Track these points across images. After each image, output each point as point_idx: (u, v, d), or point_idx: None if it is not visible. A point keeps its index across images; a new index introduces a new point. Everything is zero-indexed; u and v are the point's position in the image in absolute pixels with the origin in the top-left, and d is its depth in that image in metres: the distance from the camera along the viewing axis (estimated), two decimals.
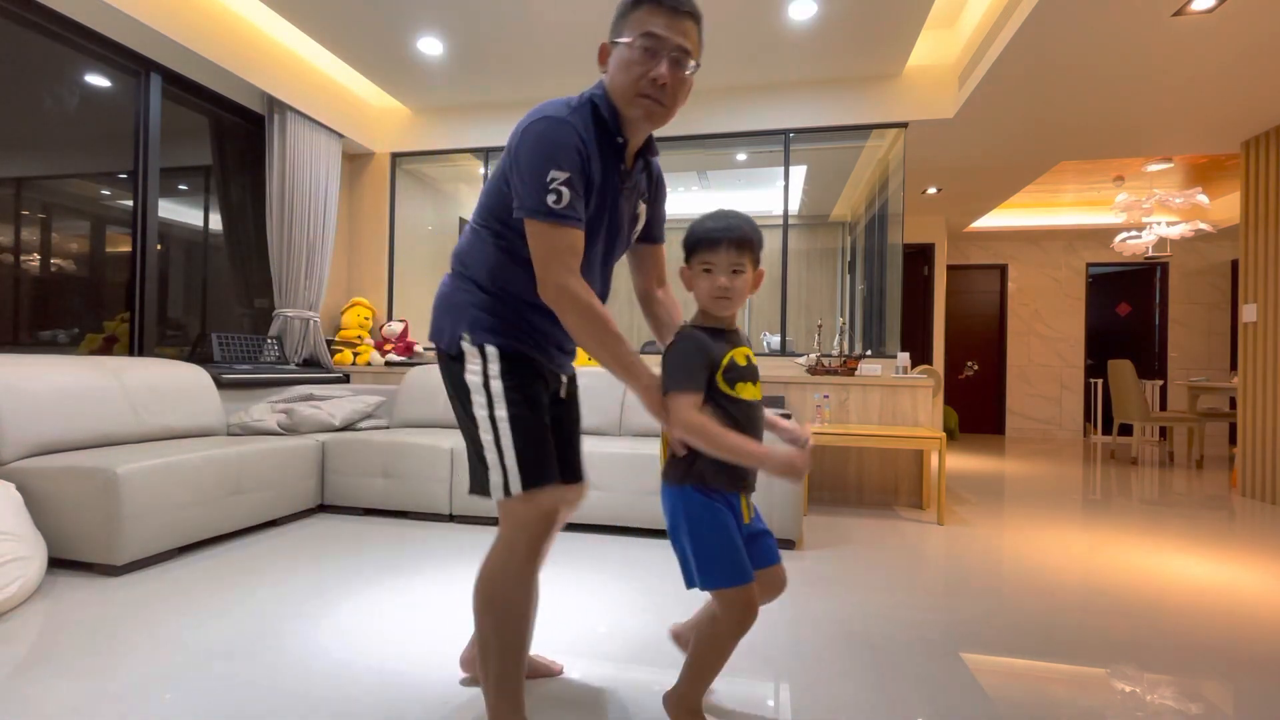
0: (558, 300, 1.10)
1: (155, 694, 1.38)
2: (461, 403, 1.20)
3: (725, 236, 1.14)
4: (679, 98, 1.15)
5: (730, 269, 1.15)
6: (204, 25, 3.20)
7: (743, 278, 1.16)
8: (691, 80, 1.16)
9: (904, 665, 1.60)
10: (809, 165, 5.06)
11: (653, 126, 1.17)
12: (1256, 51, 3.04)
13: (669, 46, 1.10)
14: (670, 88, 1.12)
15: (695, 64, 1.14)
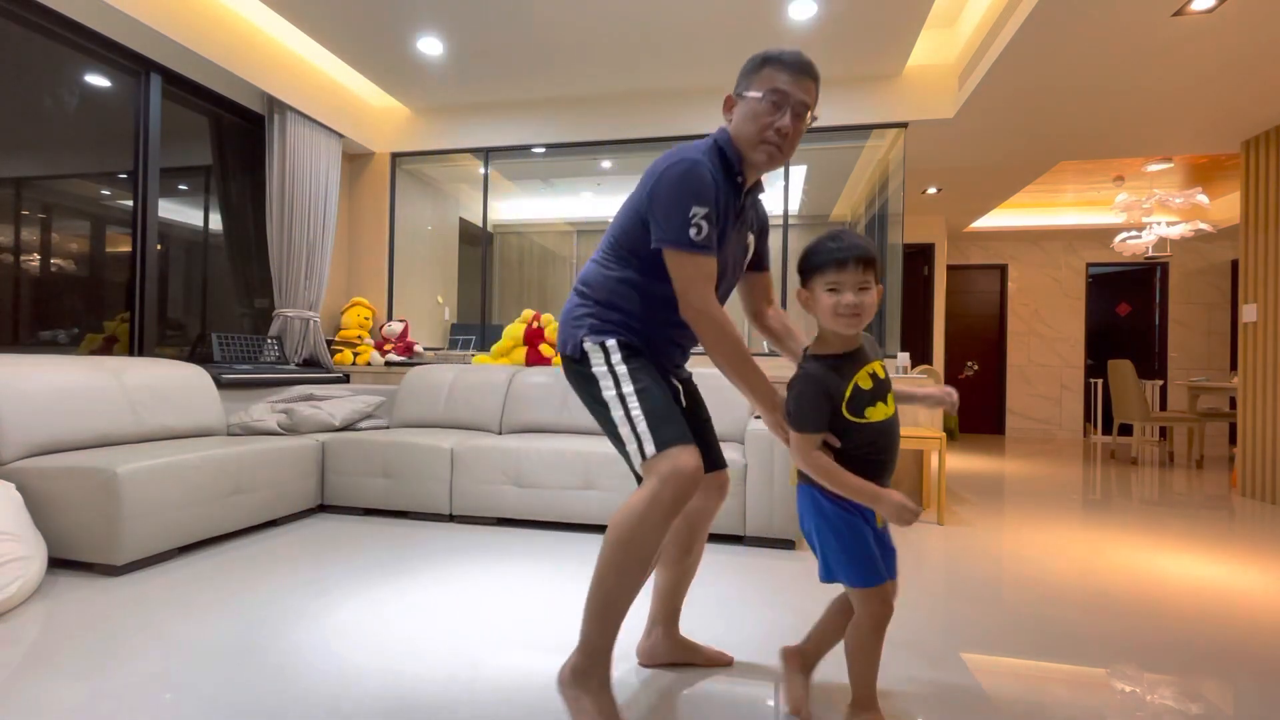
0: (698, 321, 1.24)
1: (155, 694, 1.38)
2: (591, 395, 1.32)
3: (852, 255, 1.16)
4: (795, 145, 1.29)
5: (858, 286, 1.17)
6: (204, 25, 3.20)
7: (869, 294, 1.17)
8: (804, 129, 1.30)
9: (904, 665, 1.60)
10: (809, 165, 5.06)
11: (770, 169, 1.30)
12: (1256, 51, 3.04)
13: (793, 101, 1.24)
14: (791, 137, 1.26)
15: (814, 117, 1.30)
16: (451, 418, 3.50)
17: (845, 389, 1.18)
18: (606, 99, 4.28)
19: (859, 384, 1.19)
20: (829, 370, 1.20)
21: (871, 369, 1.21)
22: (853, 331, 1.19)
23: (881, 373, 1.22)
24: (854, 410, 1.18)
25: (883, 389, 1.21)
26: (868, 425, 1.18)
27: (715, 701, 1.40)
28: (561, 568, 2.31)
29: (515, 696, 1.40)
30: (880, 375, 1.22)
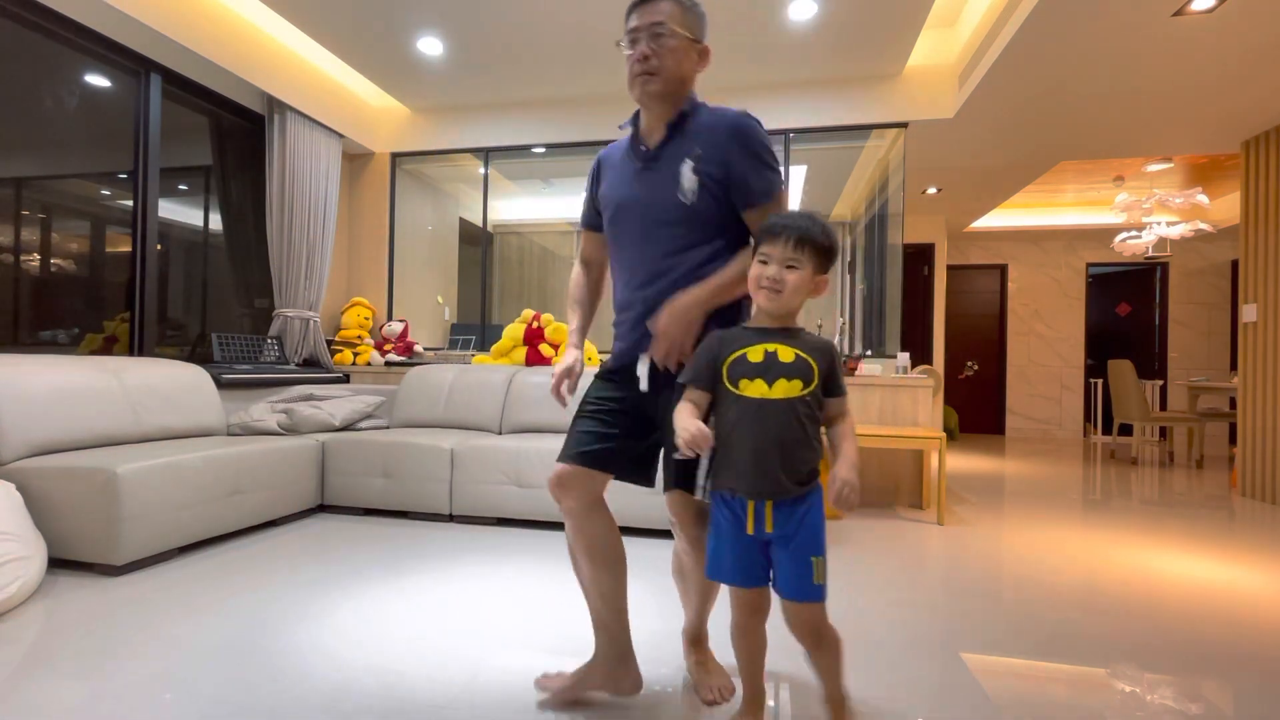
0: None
1: (155, 694, 1.38)
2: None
3: (787, 231, 1.14)
4: (666, 63, 1.27)
5: (785, 263, 1.15)
6: (204, 25, 3.20)
7: (796, 274, 1.14)
8: (682, 45, 1.27)
9: (904, 665, 1.60)
10: (809, 165, 5.06)
11: (649, 100, 1.30)
12: (1256, 51, 3.04)
13: (642, 27, 1.27)
14: (653, 57, 1.26)
15: (679, 31, 1.26)
16: (451, 418, 3.50)
17: (733, 353, 1.17)
18: (606, 99, 4.27)
19: (748, 354, 1.16)
20: (735, 334, 1.20)
21: (774, 348, 1.16)
22: (769, 305, 1.17)
23: (787, 357, 1.15)
24: (731, 377, 1.16)
25: (771, 370, 1.14)
26: (739, 398, 1.15)
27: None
28: (562, 568, 2.31)
29: (515, 696, 1.40)
30: (782, 359, 1.15)
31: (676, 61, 1.27)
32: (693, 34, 1.29)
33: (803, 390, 1.14)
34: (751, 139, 1.27)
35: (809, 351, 1.16)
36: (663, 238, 1.31)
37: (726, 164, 1.27)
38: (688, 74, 1.31)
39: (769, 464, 1.14)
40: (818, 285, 1.18)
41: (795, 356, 1.16)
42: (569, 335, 1.50)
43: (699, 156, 1.28)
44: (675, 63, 1.27)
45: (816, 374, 1.15)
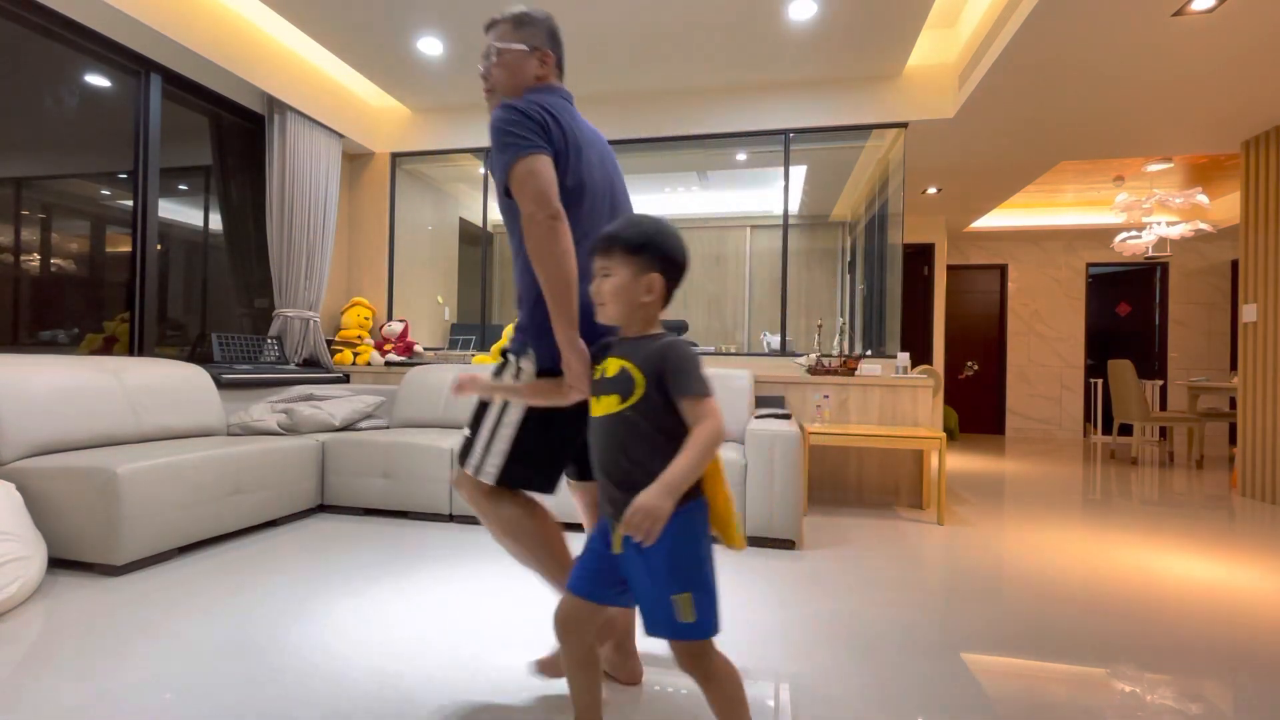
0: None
1: (155, 694, 1.38)
2: None
3: (598, 241, 1.10)
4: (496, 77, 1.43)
5: (600, 272, 1.10)
6: (204, 25, 3.20)
7: (609, 281, 1.08)
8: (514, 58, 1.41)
9: (904, 665, 1.60)
10: (809, 165, 5.06)
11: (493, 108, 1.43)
12: (1256, 51, 3.04)
13: (483, 54, 1.45)
14: (488, 78, 1.44)
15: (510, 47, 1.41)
16: (451, 418, 3.50)
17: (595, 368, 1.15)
18: (607, 99, 4.28)
19: (605, 369, 1.11)
20: (605, 345, 1.16)
21: (605, 364, 1.11)
22: (602, 319, 1.11)
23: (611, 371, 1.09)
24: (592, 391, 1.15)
25: (599, 388, 1.10)
26: (590, 416, 1.13)
27: None
28: None
29: (515, 697, 1.40)
30: (607, 374, 1.09)
31: (509, 75, 1.42)
32: (527, 43, 1.41)
33: (620, 405, 1.05)
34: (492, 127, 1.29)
35: (637, 361, 1.06)
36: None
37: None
38: (521, 81, 1.42)
39: (604, 484, 1.09)
40: (649, 285, 1.07)
41: (619, 370, 1.08)
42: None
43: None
44: (508, 76, 1.42)
45: (639, 386, 1.04)
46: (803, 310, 5.98)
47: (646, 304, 1.08)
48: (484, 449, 1.35)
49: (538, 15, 1.44)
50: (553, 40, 1.45)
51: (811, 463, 3.61)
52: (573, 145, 1.32)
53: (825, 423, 3.45)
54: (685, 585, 1.01)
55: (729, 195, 5.95)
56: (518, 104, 1.26)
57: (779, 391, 3.67)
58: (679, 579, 1.01)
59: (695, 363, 1.03)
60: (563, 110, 1.34)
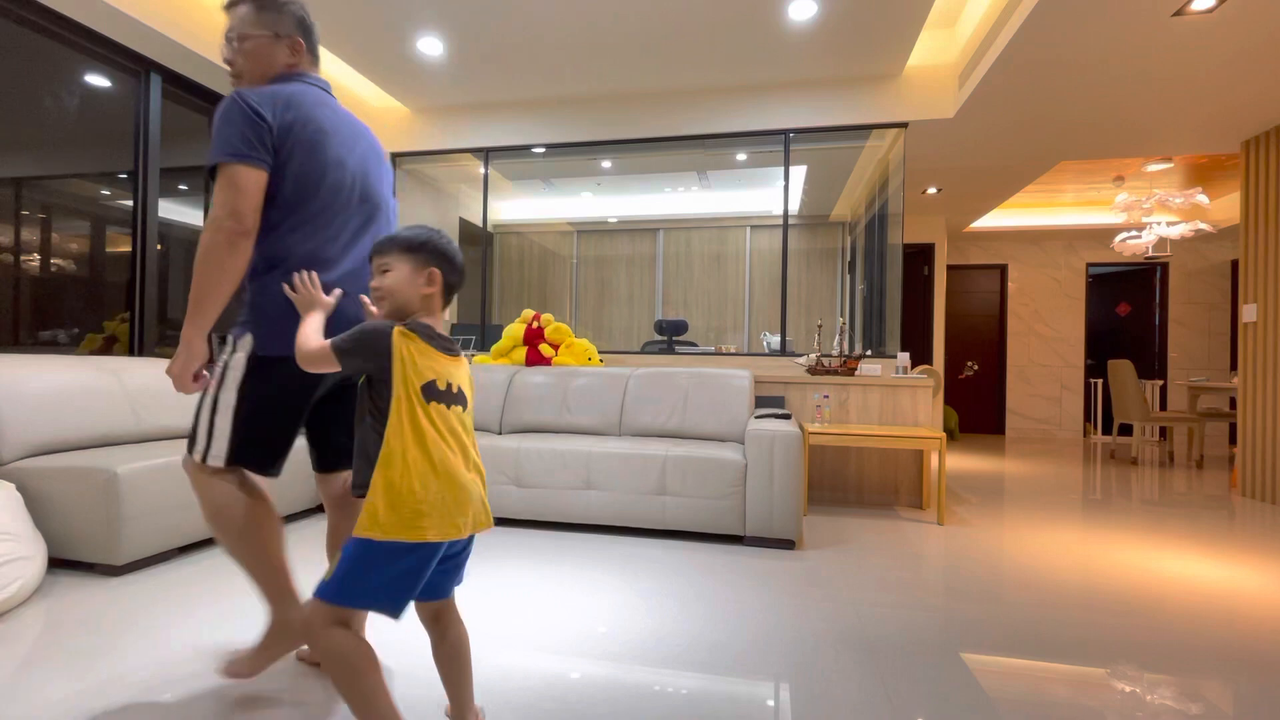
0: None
1: (155, 694, 1.38)
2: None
3: (376, 245, 1.21)
4: (241, 63, 1.40)
5: (380, 269, 1.19)
6: (204, 25, 3.20)
7: (390, 276, 1.18)
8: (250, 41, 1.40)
9: (904, 665, 1.60)
10: (809, 165, 5.06)
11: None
12: (1256, 51, 3.04)
13: (224, 36, 1.42)
14: (234, 64, 1.41)
15: (243, 33, 1.39)
16: None
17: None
18: (606, 99, 4.28)
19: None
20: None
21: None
22: (382, 312, 1.19)
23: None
24: None
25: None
26: None
27: (713, 701, 1.40)
28: (561, 568, 2.31)
29: (515, 697, 1.40)
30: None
31: (254, 62, 1.40)
32: (272, 30, 1.40)
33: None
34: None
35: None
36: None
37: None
38: (268, 69, 1.41)
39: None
40: (430, 278, 1.18)
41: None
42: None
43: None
44: (253, 64, 1.40)
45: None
46: (803, 310, 5.98)
47: (428, 295, 1.18)
48: (207, 434, 1.35)
49: (280, 1, 1.42)
50: (302, 27, 1.44)
51: (811, 463, 3.61)
52: (305, 136, 1.33)
53: (825, 423, 3.45)
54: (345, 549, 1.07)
55: (729, 195, 5.96)
56: (245, 99, 1.28)
57: (779, 391, 3.67)
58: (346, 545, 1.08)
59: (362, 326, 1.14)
60: (303, 99, 1.35)
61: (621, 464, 2.77)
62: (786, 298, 4.25)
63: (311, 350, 1.17)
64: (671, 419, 3.26)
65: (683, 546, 2.62)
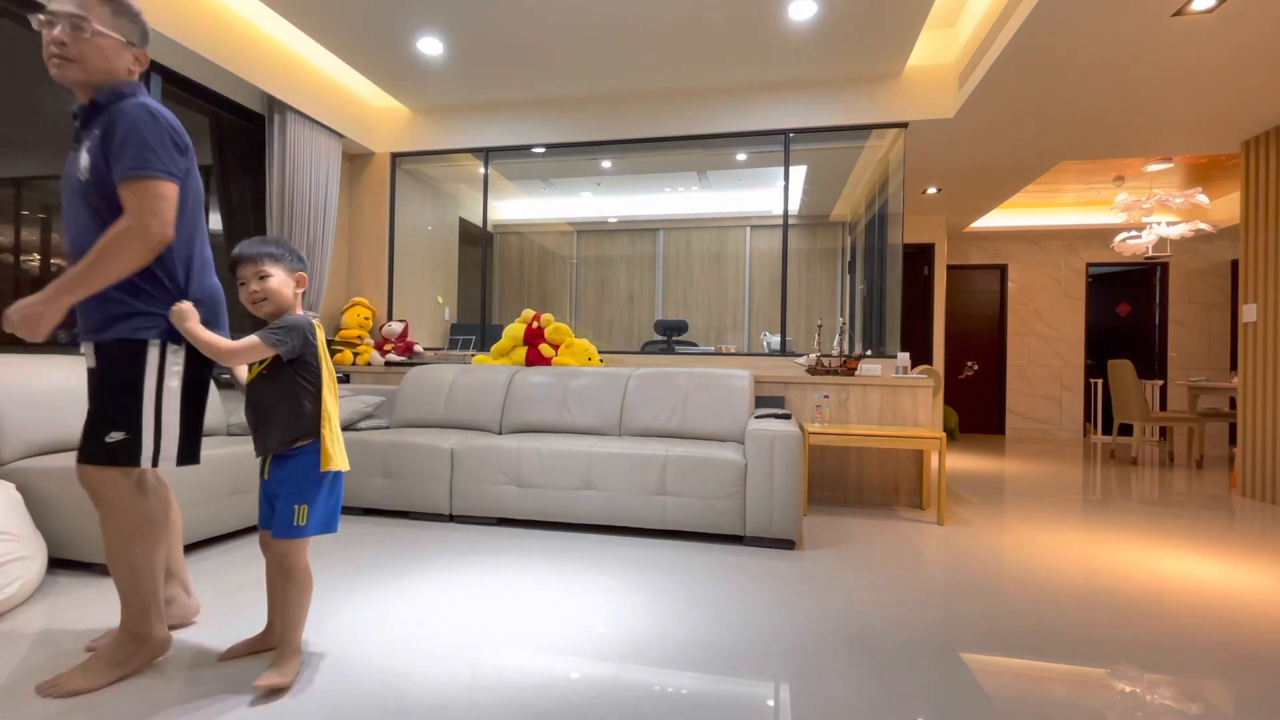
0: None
1: (155, 694, 1.38)
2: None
3: (239, 258, 1.45)
4: (85, 54, 1.40)
5: (256, 277, 1.44)
6: (204, 25, 3.20)
7: (271, 281, 1.45)
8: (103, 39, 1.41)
9: (904, 665, 1.60)
10: (809, 165, 5.06)
11: (66, 80, 1.42)
12: (1256, 51, 3.04)
13: (58, 17, 1.38)
14: (69, 46, 1.38)
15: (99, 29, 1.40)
16: (451, 418, 3.50)
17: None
18: (606, 99, 4.28)
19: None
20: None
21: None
22: (261, 311, 1.45)
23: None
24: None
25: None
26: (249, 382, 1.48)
27: (712, 701, 1.40)
28: (561, 568, 2.31)
29: (515, 696, 1.40)
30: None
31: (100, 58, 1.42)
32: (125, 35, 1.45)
33: (260, 368, 1.46)
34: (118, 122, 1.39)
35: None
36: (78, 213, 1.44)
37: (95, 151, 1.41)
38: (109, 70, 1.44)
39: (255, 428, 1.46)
40: (299, 281, 1.51)
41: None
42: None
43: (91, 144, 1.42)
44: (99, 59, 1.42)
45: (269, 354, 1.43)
46: (803, 310, 5.98)
47: (298, 294, 1.51)
48: (154, 434, 1.43)
49: (134, 9, 1.46)
50: (145, 40, 1.51)
51: (811, 463, 3.61)
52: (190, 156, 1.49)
53: (825, 423, 3.45)
54: (304, 498, 1.44)
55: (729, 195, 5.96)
56: (165, 118, 1.42)
57: (779, 391, 3.67)
58: (300, 494, 1.44)
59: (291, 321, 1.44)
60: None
61: (621, 464, 2.77)
62: (786, 298, 4.25)
63: (237, 347, 1.40)
64: (671, 419, 3.26)
65: (683, 546, 2.62)
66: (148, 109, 1.39)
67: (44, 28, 1.39)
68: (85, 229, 1.42)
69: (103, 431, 1.41)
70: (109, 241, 1.33)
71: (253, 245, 1.45)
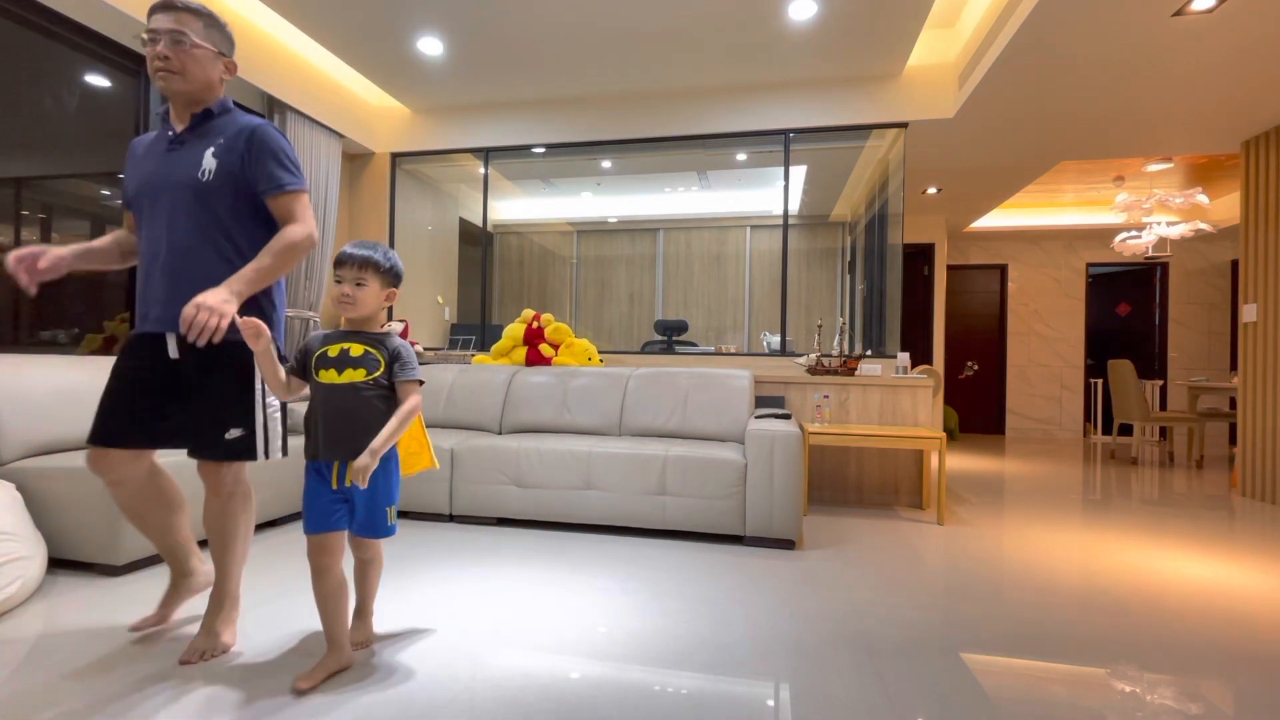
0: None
1: (155, 694, 1.38)
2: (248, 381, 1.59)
3: (349, 259, 1.46)
4: (187, 65, 1.51)
5: (354, 281, 1.46)
6: None
7: (364, 290, 1.47)
8: (199, 50, 1.52)
9: (904, 665, 1.60)
10: (809, 165, 5.06)
11: (173, 91, 1.52)
12: (1256, 51, 3.04)
13: (159, 32, 1.49)
14: (171, 59, 1.49)
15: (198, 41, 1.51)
16: (451, 418, 3.50)
17: (319, 350, 1.47)
18: (606, 99, 4.28)
19: (328, 350, 1.46)
20: (331, 333, 1.49)
21: (348, 347, 1.47)
22: (348, 314, 1.47)
23: (356, 352, 1.46)
24: (316, 365, 1.46)
25: (342, 363, 1.45)
26: (318, 383, 1.45)
27: (712, 701, 1.40)
28: (561, 567, 2.31)
29: (515, 696, 1.40)
30: (353, 354, 1.46)
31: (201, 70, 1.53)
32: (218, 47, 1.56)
33: (366, 377, 1.45)
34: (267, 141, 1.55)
35: (377, 348, 1.48)
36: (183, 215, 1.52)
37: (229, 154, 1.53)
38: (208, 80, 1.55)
39: (336, 435, 1.44)
40: (389, 296, 1.53)
41: (364, 352, 1.47)
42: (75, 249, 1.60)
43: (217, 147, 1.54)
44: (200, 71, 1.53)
45: (383, 365, 1.47)
46: (803, 310, 5.98)
47: (384, 308, 1.54)
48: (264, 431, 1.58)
49: (221, 21, 1.59)
50: (232, 48, 1.63)
51: (811, 463, 3.61)
52: None
53: (825, 423, 3.45)
54: (391, 501, 1.52)
55: (729, 195, 5.95)
56: (283, 135, 1.58)
57: (779, 391, 3.67)
58: (389, 498, 1.52)
59: (414, 355, 1.51)
60: None
61: (621, 464, 2.77)
62: (786, 298, 4.25)
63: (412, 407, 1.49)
64: (671, 419, 3.26)
65: (683, 546, 2.62)
66: (277, 130, 1.58)
67: (148, 45, 1.50)
68: (197, 226, 1.51)
69: (222, 430, 1.53)
70: (287, 245, 1.51)
71: (362, 249, 1.46)
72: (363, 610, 1.64)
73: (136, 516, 1.63)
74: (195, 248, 1.51)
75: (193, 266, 1.50)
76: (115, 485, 1.56)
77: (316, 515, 1.46)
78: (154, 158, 1.57)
